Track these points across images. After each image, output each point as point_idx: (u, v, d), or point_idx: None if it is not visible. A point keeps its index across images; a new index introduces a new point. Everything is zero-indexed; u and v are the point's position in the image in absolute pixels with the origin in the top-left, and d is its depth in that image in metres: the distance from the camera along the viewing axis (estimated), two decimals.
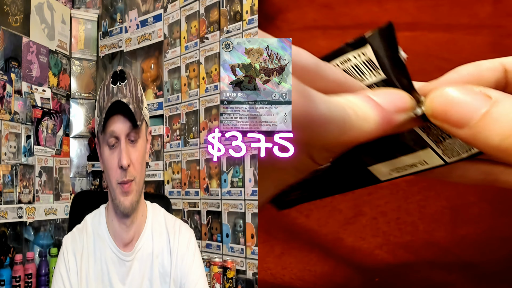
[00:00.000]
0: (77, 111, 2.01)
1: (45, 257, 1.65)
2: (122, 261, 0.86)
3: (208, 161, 1.61)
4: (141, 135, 0.83)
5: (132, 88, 0.83)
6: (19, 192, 1.64)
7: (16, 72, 1.67)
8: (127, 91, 0.82)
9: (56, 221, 1.83)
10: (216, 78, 1.60)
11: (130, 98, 0.81)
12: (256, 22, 1.47)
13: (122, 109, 0.80)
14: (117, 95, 0.80)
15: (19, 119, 1.67)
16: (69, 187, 1.94)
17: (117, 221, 0.86)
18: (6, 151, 1.61)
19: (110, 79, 0.83)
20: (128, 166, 0.80)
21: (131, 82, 0.83)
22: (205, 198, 1.61)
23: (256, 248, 1.44)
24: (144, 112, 0.84)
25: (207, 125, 1.61)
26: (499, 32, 0.70)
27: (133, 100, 0.81)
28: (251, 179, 1.46)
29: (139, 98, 0.84)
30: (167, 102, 1.77)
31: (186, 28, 1.72)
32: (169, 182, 1.74)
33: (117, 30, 1.99)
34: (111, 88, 0.81)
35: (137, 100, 0.82)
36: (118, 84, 0.82)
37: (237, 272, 1.46)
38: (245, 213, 1.47)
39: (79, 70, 2.03)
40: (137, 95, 0.83)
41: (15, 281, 1.53)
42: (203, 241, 1.59)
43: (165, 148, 1.76)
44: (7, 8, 1.66)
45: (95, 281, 0.85)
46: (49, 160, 1.81)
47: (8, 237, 1.60)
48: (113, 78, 0.83)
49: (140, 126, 0.82)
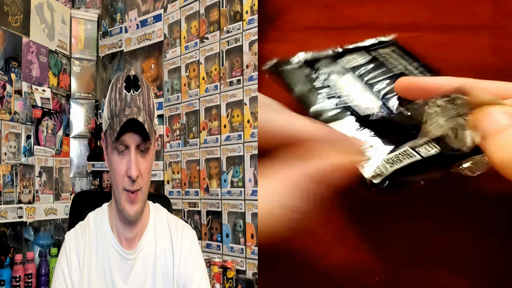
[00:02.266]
0: (77, 111, 2.01)
1: (45, 257, 1.66)
2: (124, 259, 0.86)
3: (208, 161, 1.61)
4: (151, 146, 0.83)
5: (145, 98, 0.82)
6: (19, 192, 1.64)
7: (16, 72, 1.67)
8: (140, 102, 0.81)
9: (56, 221, 1.83)
10: (216, 78, 1.60)
11: (144, 112, 0.80)
12: (256, 22, 1.47)
13: (136, 125, 0.79)
14: (130, 107, 0.79)
15: (19, 119, 1.67)
16: (69, 187, 1.94)
17: (120, 222, 0.86)
18: (6, 151, 1.61)
19: (123, 83, 0.81)
20: (137, 177, 0.80)
21: (145, 91, 0.82)
22: (205, 198, 1.61)
23: (256, 248, 1.44)
24: (154, 122, 0.84)
25: (207, 125, 1.62)
26: (499, 32, 0.70)
27: (146, 114, 0.80)
28: (251, 179, 1.46)
29: (151, 109, 0.83)
30: (167, 102, 1.78)
31: (186, 28, 1.72)
32: (169, 182, 1.75)
33: (117, 30, 1.99)
34: (124, 94, 0.80)
35: (149, 113, 0.82)
36: (132, 92, 0.81)
37: (237, 272, 1.46)
38: (245, 213, 1.47)
39: (79, 70, 2.03)
40: (150, 105, 0.82)
41: (15, 281, 1.53)
42: (203, 241, 1.59)
43: (165, 148, 1.76)
44: (7, 8, 1.66)
45: (97, 278, 0.84)
46: (49, 160, 1.81)
47: (8, 237, 1.60)
48: (127, 83, 0.81)
49: (152, 141, 0.82)
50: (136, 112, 0.79)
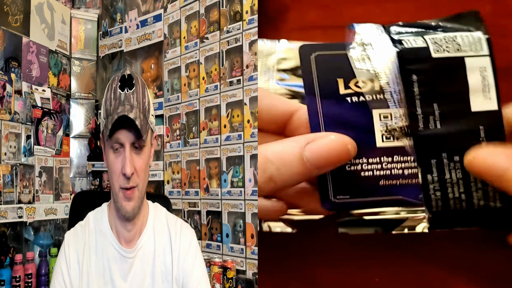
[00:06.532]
0: (77, 111, 2.01)
1: (45, 257, 1.65)
2: (123, 257, 0.86)
3: (208, 161, 1.61)
4: (146, 143, 0.83)
5: (139, 96, 0.82)
6: (19, 192, 1.64)
7: (16, 72, 1.67)
8: (134, 100, 0.81)
9: (56, 221, 1.83)
10: (216, 78, 1.60)
11: (137, 109, 0.80)
12: (256, 22, 1.47)
13: (128, 123, 0.79)
14: (123, 105, 0.80)
15: (19, 119, 1.67)
16: (69, 187, 1.94)
17: (119, 220, 0.87)
18: (6, 151, 1.61)
19: (118, 83, 0.82)
20: (132, 174, 0.81)
21: (139, 89, 0.83)
22: (205, 198, 1.61)
23: (256, 248, 1.44)
24: (150, 120, 0.84)
25: (207, 125, 1.61)
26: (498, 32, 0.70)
27: (139, 111, 0.81)
28: (251, 179, 1.46)
29: (146, 107, 0.83)
30: (167, 102, 1.77)
31: (186, 28, 1.72)
32: (169, 182, 1.74)
33: (117, 30, 1.99)
34: (119, 93, 0.81)
35: (143, 110, 0.82)
36: (126, 91, 0.81)
37: (237, 272, 1.46)
38: (245, 213, 1.47)
39: (79, 70, 2.03)
40: (144, 103, 0.83)
41: (15, 281, 1.53)
42: (203, 241, 1.59)
43: (165, 148, 1.76)
44: (7, 8, 1.66)
45: (96, 277, 0.85)
46: (49, 160, 1.81)
47: (8, 237, 1.60)
48: (121, 82, 0.82)
49: (145, 138, 0.82)
50: (128, 109, 0.79)
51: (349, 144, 0.54)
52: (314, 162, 0.52)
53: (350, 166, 0.55)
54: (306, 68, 0.56)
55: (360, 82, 0.56)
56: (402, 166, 0.56)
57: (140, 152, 0.82)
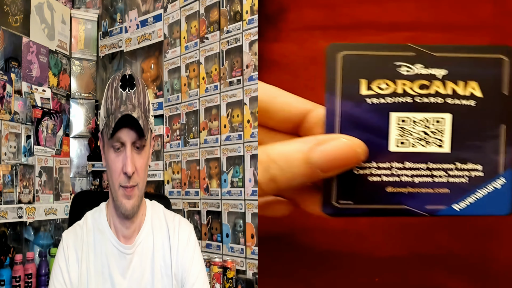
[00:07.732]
0: (77, 111, 2.01)
1: (45, 257, 1.65)
2: (122, 254, 0.86)
3: (208, 161, 1.61)
4: (146, 142, 0.84)
5: (140, 96, 0.83)
6: (19, 192, 1.64)
7: (16, 72, 1.67)
8: (135, 99, 0.82)
9: (56, 221, 1.83)
10: (216, 78, 1.60)
11: (138, 109, 0.81)
12: (256, 22, 1.47)
13: (130, 122, 0.80)
14: (125, 104, 0.81)
15: (19, 119, 1.67)
16: (69, 187, 1.94)
17: (118, 218, 0.87)
18: (6, 151, 1.61)
19: (119, 82, 0.83)
20: (133, 173, 0.81)
21: (140, 89, 0.84)
22: (205, 198, 1.61)
23: (256, 248, 1.44)
24: (150, 120, 0.85)
25: (207, 125, 1.61)
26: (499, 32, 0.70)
27: (141, 111, 0.81)
28: (251, 179, 1.46)
29: (147, 107, 0.84)
30: (167, 102, 1.77)
31: (186, 28, 1.72)
32: (169, 182, 1.74)
33: (117, 30, 1.99)
34: (120, 92, 0.82)
35: (144, 110, 0.83)
36: (127, 91, 0.82)
37: (237, 272, 1.46)
38: (245, 213, 1.47)
39: (79, 70, 2.03)
40: (145, 104, 0.84)
41: (15, 281, 1.53)
42: (203, 241, 1.59)
43: (165, 148, 1.76)
44: (7, 8, 1.66)
45: (95, 274, 0.85)
46: (49, 160, 1.81)
47: (8, 237, 1.60)
48: (122, 82, 0.83)
49: (146, 137, 0.83)
50: (131, 109, 0.80)
51: (359, 147, 0.53)
52: (320, 164, 0.51)
53: (359, 170, 0.54)
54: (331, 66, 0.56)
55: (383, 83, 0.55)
56: (412, 174, 0.54)
57: (140, 151, 0.83)
